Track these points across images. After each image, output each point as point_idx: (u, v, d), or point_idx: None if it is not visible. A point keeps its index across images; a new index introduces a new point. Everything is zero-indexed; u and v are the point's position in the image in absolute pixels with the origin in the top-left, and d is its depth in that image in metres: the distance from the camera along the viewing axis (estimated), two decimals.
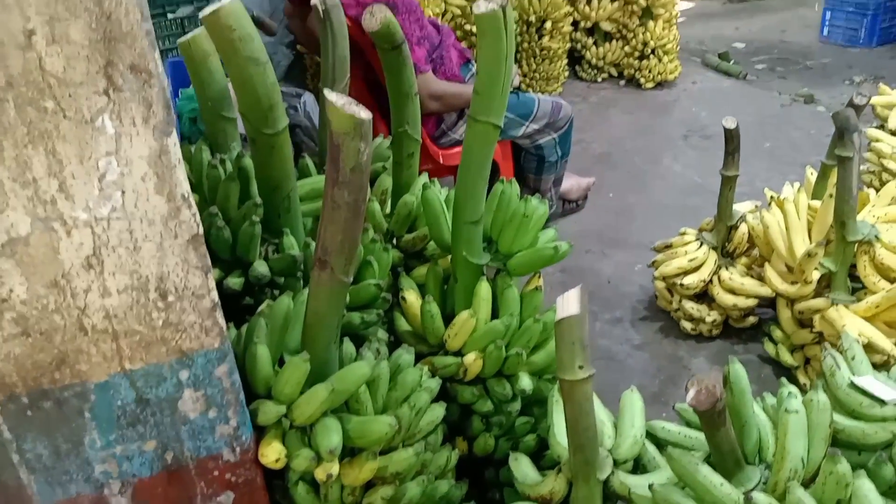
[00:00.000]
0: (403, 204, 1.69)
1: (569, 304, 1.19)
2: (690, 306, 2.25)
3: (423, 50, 2.34)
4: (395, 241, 1.74)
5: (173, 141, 0.87)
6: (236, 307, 1.46)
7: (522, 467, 1.39)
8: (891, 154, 2.77)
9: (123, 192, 0.87)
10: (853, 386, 1.47)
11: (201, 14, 1.20)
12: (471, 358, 1.45)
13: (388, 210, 1.80)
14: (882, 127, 3.18)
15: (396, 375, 1.32)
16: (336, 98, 1.05)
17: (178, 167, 0.89)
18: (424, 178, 1.78)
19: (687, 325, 2.29)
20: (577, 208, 3.13)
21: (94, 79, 0.81)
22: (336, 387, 1.14)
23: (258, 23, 2.51)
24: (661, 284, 2.36)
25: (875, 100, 3.32)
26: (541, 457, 1.54)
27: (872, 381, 1.48)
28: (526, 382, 1.48)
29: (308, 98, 3.09)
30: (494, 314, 1.55)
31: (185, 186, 0.90)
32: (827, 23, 5.34)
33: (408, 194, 1.72)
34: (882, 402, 1.43)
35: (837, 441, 1.41)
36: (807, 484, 1.21)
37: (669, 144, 3.70)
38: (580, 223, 3.07)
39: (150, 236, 0.91)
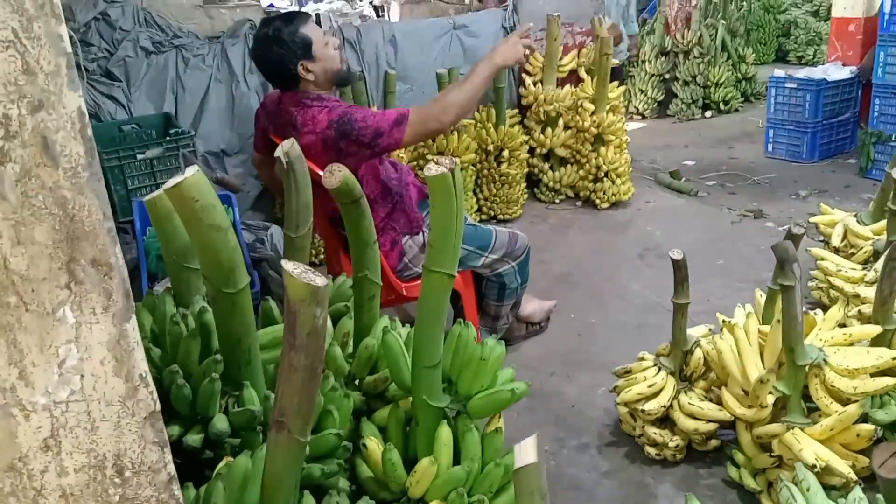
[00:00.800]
0: (364, 347, 1.73)
1: (526, 453, 1.21)
2: (653, 431, 2.28)
3: (391, 113, 2.41)
4: (357, 382, 1.77)
5: (132, 325, 0.91)
6: (196, 461, 1.46)
7: None
8: (835, 272, 2.89)
9: (82, 377, 0.90)
10: None
11: (164, 187, 1.26)
12: None
13: (349, 351, 1.83)
14: (826, 244, 3.34)
15: None
16: (292, 267, 1.11)
17: (136, 349, 0.92)
18: (385, 320, 1.83)
19: (651, 451, 2.31)
20: (541, 330, 3.18)
21: (57, 274, 0.85)
22: None
23: (223, 183, 2.64)
24: (623, 409, 2.39)
25: (817, 219, 3.50)
26: None
27: None
28: None
29: (275, 231, 3.17)
30: (456, 457, 1.56)
31: (143, 367, 0.94)
32: (770, 140, 5.66)
33: (369, 337, 1.76)
34: None
35: None
36: None
37: (627, 263, 3.82)
38: (544, 345, 3.12)
39: (108, 416, 0.94)
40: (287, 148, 1.79)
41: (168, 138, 3.10)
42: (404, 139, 2.38)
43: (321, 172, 2.39)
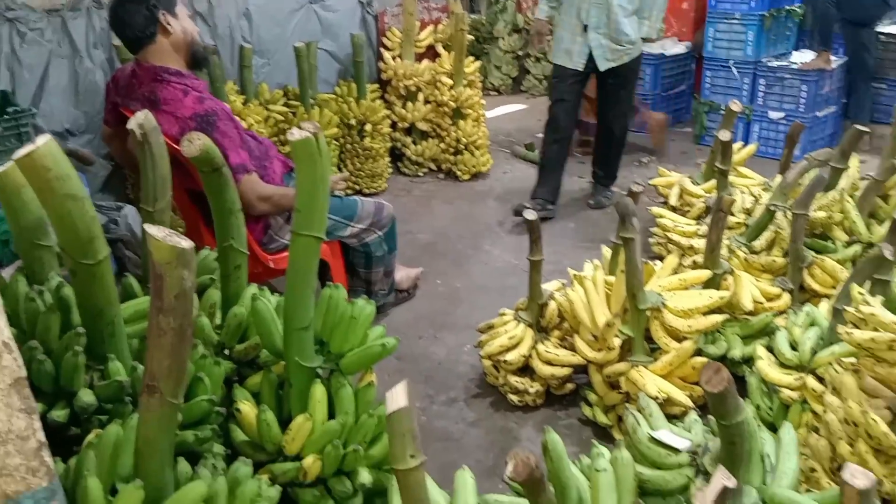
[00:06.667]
0: (233, 315, 1.74)
1: (397, 398, 1.29)
2: (515, 380, 2.43)
3: (245, 152, 2.40)
4: (227, 352, 1.78)
5: None
6: (63, 439, 1.43)
7: None
8: (672, 227, 3.18)
9: None
10: (652, 439, 1.67)
11: (15, 156, 1.23)
12: (309, 461, 1.50)
13: (217, 321, 1.83)
14: (665, 204, 3.65)
15: (235, 489, 1.34)
16: (156, 231, 1.12)
17: None
18: (253, 288, 1.84)
19: (514, 398, 2.47)
20: (409, 297, 3.28)
21: None
22: None
23: (75, 155, 2.51)
24: (487, 362, 2.54)
25: (656, 181, 3.81)
26: None
27: (668, 434, 1.69)
28: (365, 477, 1.55)
29: (129, 211, 3.06)
30: (331, 414, 1.62)
31: (7, 333, 0.93)
32: None
33: (237, 306, 1.77)
34: (677, 451, 1.65)
35: (645, 490, 1.60)
36: None
37: (487, 230, 3.99)
38: (413, 310, 3.22)
39: None
40: (141, 120, 1.75)
41: (6, 117, 2.90)
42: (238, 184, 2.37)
43: (178, 146, 2.35)
